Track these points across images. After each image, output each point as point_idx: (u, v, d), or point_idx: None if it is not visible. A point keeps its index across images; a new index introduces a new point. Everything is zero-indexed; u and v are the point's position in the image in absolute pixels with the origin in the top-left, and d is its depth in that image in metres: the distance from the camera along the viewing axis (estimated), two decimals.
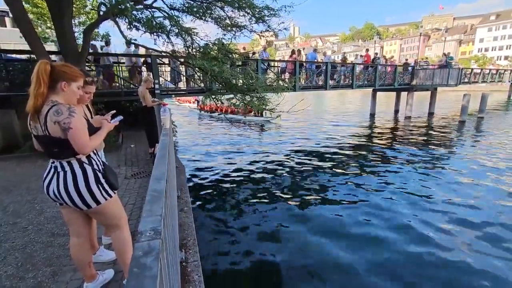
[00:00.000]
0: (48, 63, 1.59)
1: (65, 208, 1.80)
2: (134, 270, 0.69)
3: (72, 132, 1.55)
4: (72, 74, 1.68)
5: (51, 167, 1.71)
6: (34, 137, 1.68)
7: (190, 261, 2.48)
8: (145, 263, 0.72)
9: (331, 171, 8.04)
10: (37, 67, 1.56)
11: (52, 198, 1.73)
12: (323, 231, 4.87)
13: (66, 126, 1.54)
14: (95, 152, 1.87)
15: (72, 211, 1.81)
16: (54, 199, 1.73)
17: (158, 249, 0.79)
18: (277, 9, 5.84)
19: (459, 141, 11.60)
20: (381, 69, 15.42)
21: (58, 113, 1.54)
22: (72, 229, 1.91)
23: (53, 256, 2.49)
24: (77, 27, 10.85)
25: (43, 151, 1.72)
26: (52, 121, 1.54)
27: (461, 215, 5.31)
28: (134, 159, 5.96)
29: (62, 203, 1.74)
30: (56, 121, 1.54)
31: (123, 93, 7.92)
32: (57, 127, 1.55)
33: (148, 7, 5.33)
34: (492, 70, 24.37)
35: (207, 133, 14.73)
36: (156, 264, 0.71)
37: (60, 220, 3.11)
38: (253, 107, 5.92)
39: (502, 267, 3.86)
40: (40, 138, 1.63)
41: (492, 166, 8.10)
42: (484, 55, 59.87)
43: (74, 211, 1.81)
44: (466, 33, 75.36)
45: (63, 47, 5.75)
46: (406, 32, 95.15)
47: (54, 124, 1.54)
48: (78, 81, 1.71)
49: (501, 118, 17.86)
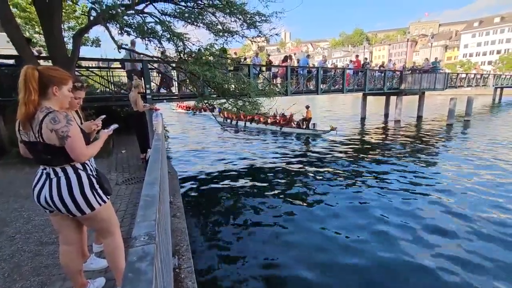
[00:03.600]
0: (34, 68, 1.54)
1: (56, 215, 1.77)
2: (128, 275, 0.69)
3: (70, 140, 1.55)
4: (62, 77, 1.65)
5: (42, 174, 1.67)
6: (24, 143, 1.63)
7: (184, 267, 2.45)
8: (139, 268, 0.71)
9: (322, 174, 8.10)
10: (23, 74, 1.50)
11: (42, 206, 1.69)
12: (318, 234, 4.89)
13: (64, 134, 1.54)
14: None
15: (63, 218, 1.77)
16: (45, 207, 1.69)
17: (153, 253, 0.78)
18: (268, 15, 5.90)
19: (447, 144, 11.87)
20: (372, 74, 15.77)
21: (56, 121, 1.52)
22: (62, 236, 1.87)
23: (42, 266, 2.42)
24: (66, 32, 10.70)
25: (31, 158, 1.69)
26: (49, 129, 1.52)
27: (446, 219, 5.42)
28: (125, 164, 5.88)
29: (53, 210, 1.71)
30: (53, 129, 1.52)
31: (114, 98, 7.83)
32: (54, 135, 1.53)
33: (139, 12, 5.32)
34: (476, 75, 25.14)
35: (199, 138, 14.65)
36: (151, 268, 0.71)
37: (49, 228, 3.04)
38: (245, 111, 5.94)
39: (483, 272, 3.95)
40: (32, 145, 1.59)
41: (480, 168, 8.32)
42: (469, 60, 61.79)
43: (65, 218, 1.78)
44: (452, 39, 77.78)
45: (52, 52, 5.66)
46: (394, 38, 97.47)
47: (50, 132, 1.52)
48: (68, 84, 1.69)
49: (487, 121, 18.45)
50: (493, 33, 64.64)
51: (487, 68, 43.09)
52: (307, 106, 15.03)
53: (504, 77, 30.97)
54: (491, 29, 64.86)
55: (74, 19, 10.97)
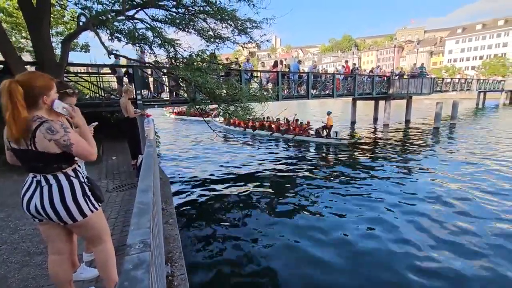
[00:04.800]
0: (16, 82, 1.45)
1: (45, 224, 1.73)
2: (124, 283, 0.69)
3: (75, 147, 1.57)
4: (47, 84, 1.60)
5: (33, 182, 1.64)
6: (13, 151, 1.60)
7: (177, 275, 2.43)
8: (135, 276, 0.71)
9: (315, 178, 8.16)
10: (6, 91, 1.40)
11: (32, 214, 1.66)
12: (311, 239, 4.91)
13: (67, 143, 1.55)
14: (79, 165, 1.83)
15: (53, 227, 1.74)
16: (34, 215, 1.66)
17: (148, 261, 0.78)
18: (259, 21, 5.97)
19: (434, 147, 12.17)
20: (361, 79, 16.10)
21: (53, 132, 1.51)
22: (52, 246, 1.83)
23: (29, 277, 2.35)
24: (54, 37, 10.53)
25: (20, 165, 1.65)
26: (47, 139, 1.50)
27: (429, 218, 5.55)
28: (115, 171, 5.79)
29: (43, 218, 1.67)
30: (52, 139, 1.51)
31: (104, 104, 7.73)
32: (52, 144, 1.52)
33: (130, 18, 5.30)
34: (461, 79, 25.99)
35: (190, 143, 14.56)
36: (147, 276, 0.71)
37: (37, 238, 2.96)
38: (237, 116, 5.96)
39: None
40: (22, 153, 1.56)
41: (466, 169, 8.56)
42: (453, 66, 63.86)
43: (55, 227, 1.75)
44: (436, 45, 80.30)
45: (40, 57, 5.57)
46: (382, 44, 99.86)
47: (48, 142, 1.51)
48: (53, 88, 1.64)
49: (471, 124, 19.02)
50: (475, 39, 67.06)
51: (471, 73, 44.64)
52: (329, 112, 13.75)
53: (487, 82, 32.11)
54: (474, 35, 67.30)
55: (62, 24, 10.80)
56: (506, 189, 6.88)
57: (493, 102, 35.73)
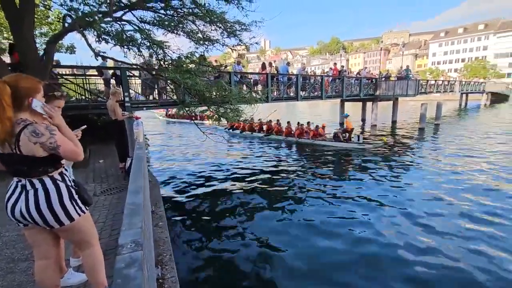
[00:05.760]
0: (4, 82, 1.46)
1: (30, 229, 1.70)
2: (118, 281, 0.69)
3: (62, 149, 1.55)
4: (34, 86, 1.59)
5: (17, 186, 1.61)
6: None
7: (167, 277, 2.41)
8: (128, 274, 0.72)
9: (305, 178, 8.25)
10: None
11: (17, 219, 1.62)
12: (302, 240, 4.95)
13: (54, 145, 1.53)
14: (66, 168, 1.80)
15: (39, 231, 1.71)
16: (19, 220, 1.63)
17: (140, 260, 0.79)
18: (248, 24, 6.03)
19: (421, 146, 12.52)
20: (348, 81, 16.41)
21: (38, 135, 1.49)
22: (38, 251, 1.79)
23: (15, 284, 2.29)
24: (38, 38, 10.25)
25: (4, 170, 1.62)
26: (32, 142, 1.48)
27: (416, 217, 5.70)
28: (103, 175, 5.68)
29: (28, 223, 1.64)
30: (38, 142, 1.49)
31: (91, 106, 7.58)
32: (38, 147, 1.51)
33: (117, 20, 5.24)
34: (444, 81, 26.88)
35: (179, 145, 14.42)
36: (140, 274, 0.72)
37: (21, 244, 2.88)
38: (228, 118, 5.97)
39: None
40: (6, 157, 1.54)
41: (450, 169, 8.84)
42: (437, 68, 65.85)
43: (41, 231, 1.71)
44: (421, 48, 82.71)
45: (24, 58, 5.42)
46: (369, 47, 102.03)
47: (34, 145, 1.49)
48: (40, 91, 1.63)
49: (455, 124, 19.72)
50: (458, 43, 69.37)
51: (454, 75, 46.22)
52: (346, 115, 12.78)
53: (469, 84, 33.33)
54: (456, 39, 69.62)
55: (47, 25, 10.54)
56: (489, 188, 7.14)
57: (475, 103, 37.10)
